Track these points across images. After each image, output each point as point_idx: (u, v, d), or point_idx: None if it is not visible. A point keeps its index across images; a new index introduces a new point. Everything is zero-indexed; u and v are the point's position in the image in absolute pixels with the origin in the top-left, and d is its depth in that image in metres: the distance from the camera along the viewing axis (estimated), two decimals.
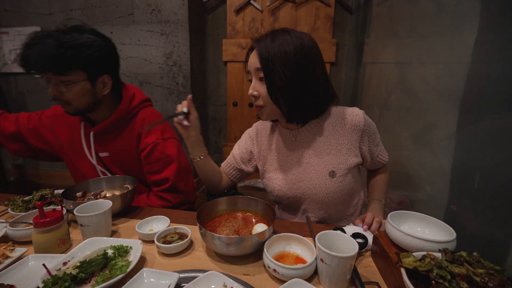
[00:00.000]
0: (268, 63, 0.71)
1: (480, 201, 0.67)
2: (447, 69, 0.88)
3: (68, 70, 0.85)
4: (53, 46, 0.81)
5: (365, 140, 0.81)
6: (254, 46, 0.75)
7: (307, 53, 0.72)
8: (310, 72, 0.73)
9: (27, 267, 0.59)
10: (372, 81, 1.66)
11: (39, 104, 2.45)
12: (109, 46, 0.93)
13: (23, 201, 0.84)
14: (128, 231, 0.77)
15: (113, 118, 0.96)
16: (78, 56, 0.84)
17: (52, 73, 0.85)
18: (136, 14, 2.11)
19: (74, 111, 0.92)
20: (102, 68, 0.91)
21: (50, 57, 0.81)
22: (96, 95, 0.93)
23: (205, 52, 2.40)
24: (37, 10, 2.23)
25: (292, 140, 0.85)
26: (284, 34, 0.72)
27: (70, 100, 0.89)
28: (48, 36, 0.83)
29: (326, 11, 2.11)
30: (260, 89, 0.75)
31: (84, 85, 0.88)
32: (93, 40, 0.88)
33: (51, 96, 0.90)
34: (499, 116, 0.63)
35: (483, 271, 0.42)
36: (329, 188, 0.80)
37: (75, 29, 0.88)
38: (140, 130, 0.98)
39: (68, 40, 0.83)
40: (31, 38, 0.84)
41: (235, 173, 0.97)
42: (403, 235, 0.54)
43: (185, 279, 0.56)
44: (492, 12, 0.68)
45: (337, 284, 0.54)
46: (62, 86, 0.86)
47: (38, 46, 0.82)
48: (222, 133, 2.56)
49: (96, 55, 0.88)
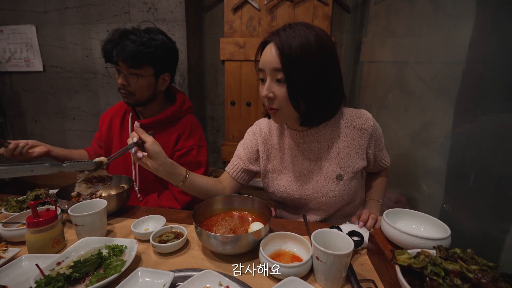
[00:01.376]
0: (291, 63, 0.64)
1: (475, 198, 0.67)
2: (443, 68, 0.89)
3: (142, 65, 0.95)
4: (136, 43, 0.92)
5: (371, 144, 0.80)
6: (270, 40, 0.67)
7: (328, 46, 0.67)
8: (331, 67, 0.68)
9: (20, 267, 0.58)
10: (369, 80, 1.66)
11: (34, 104, 2.42)
12: (175, 49, 1.05)
13: (17, 201, 0.84)
14: (124, 230, 0.77)
15: (165, 116, 1.03)
16: (153, 54, 0.95)
17: (127, 66, 0.93)
18: (132, 12, 2.09)
19: (135, 102, 1.01)
20: (166, 66, 1.02)
21: (132, 51, 0.91)
22: (155, 90, 1.02)
23: (203, 51, 2.39)
24: (32, 8, 2.20)
25: (300, 141, 0.82)
26: (302, 26, 0.66)
27: (135, 90, 0.98)
28: (130, 33, 0.93)
29: (324, 10, 2.11)
30: (277, 91, 0.68)
31: (149, 79, 0.98)
32: (166, 42, 0.99)
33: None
34: (494, 115, 0.63)
35: (477, 268, 0.42)
36: (336, 191, 0.79)
37: (150, 30, 0.99)
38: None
39: (147, 39, 0.94)
40: (113, 34, 0.95)
41: (244, 175, 0.91)
42: (398, 232, 0.54)
43: (181, 278, 0.55)
44: (488, 11, 0.68)
45: (332, 282, 0.54)
46: (132, 77, 0.95)
47: (123, 40, 0.92)
48: (220, 132, 2.56)
49: (165, 55, 0.99)
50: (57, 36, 2.23)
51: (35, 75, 2.34)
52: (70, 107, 2.39)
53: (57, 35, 2.22)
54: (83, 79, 2.30)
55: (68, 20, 2.18)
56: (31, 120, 2.48)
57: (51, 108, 2.42)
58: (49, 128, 2.46)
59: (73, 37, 2.21)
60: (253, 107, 2.34)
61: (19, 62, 2.31)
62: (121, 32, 0.94)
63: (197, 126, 1.10)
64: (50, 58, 2.28)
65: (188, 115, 1.10)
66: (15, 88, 2.42)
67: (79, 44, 2.22)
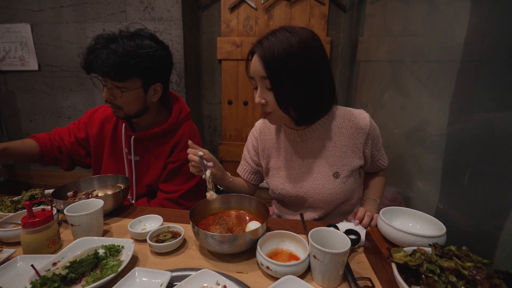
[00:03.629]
0: (274, 71, 0.66)
1: (469, 196, 0.68)
2: (438, 67, 0.89)
3: (127, 78, 0.85)
4: (118, 54, 0.81)
5: (368, 144, 0.81)
6: (255, 51, 0.70)
7: (311, 48, 0.67)
8: (317, 70, 0.69)
9: (15, 268, 0.58)
10: (366, 79, 1.67)
11: (29, 103, 2.40)
12: (168, 56, 0.93)
13: (12, 201, 0.83)
14: (121, 230, 0.76)
15: (161, 129, 0.96)
16: (139, 66, 0.84)
17: (110, 79, 0.84)
18: (128, 11, 2.08)
19: (124, 116, 0.92)
20: (157, 76, 0.92)
21: (113, 64, 0.81)
22: (146, 102, 0.93)
23: (199, 50, 2.38)
24: (26, 7, 2.18)
25: (297, 140, 0.84)
26: (284, 32, 0.67)
27: (122, 105, 0.89)
28: (112, 41, 0.82)
29: (320, 9, 2.11)
30: (268, 97, 0.71)
31: (138, 92, 0.89)
32: (155, 50, 0.87)
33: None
34: (489, 114, 0.64)
35: (471, 265, 0.42)
36: (332, 188, 0.80)
37: (137, 34, 0.87)
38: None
39: (132, 48, 0.83)
40: (95, 41, 0.84)
41: (255, 177, 0.97)
42: (395, 230, 0.55)
43: (178, 277, 0.55)
44: (482, 11, 0.69)
45: (329, 280, 0.54)
46: (117, 91, 0.86)
47: (103, 51, 0.81)
48: (217, 132, 2.55)
49: (155, 65, 0.88)
50: (53, 35, 2.20)
51: (30, 74, 2.31)
52: (66, 106, 2.37)
53: (52, 33, 2.20)
54: (78, 78, 2.28)
55: (64, 19, 2.16)
56: (26, 120, 2.46)
57: (47, 108, 2.39)
58: (44, 128, 2.44)
59: (68, 36, 2.19)
60: (250, 106, 2.34)
61: (13, 61, 2.28)
62: (102, 40, 0.83)
63: (194, 134, 1.03)
64: (46, 57, 2.26)
65: (186, 123, 1.03)
66: (9, 88, 2.39)
67: (74, 43, 2.20)
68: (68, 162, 1.07)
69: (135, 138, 0.99)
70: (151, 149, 1.00)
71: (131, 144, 0.99)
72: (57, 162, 1.07)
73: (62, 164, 1.07)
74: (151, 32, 0.91)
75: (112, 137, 1.03)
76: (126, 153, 1.01)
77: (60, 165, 1.08)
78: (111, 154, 1.04)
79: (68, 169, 1.11)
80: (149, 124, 1.00)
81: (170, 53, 0.95)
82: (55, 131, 1.07)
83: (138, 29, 0.90)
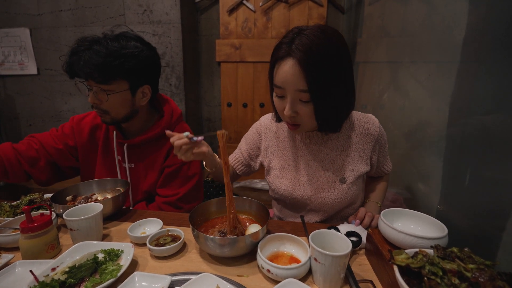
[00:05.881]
0: (318, 85, 0.61)
1: (471, 197, 0.68)
2: (438, 68, 0.89)
3: (112, 79, 0.82)
4: (101, 55, 0.78)
5: (376, 150, 0.81)
6: (288, 56, 0.62)
7: (346, 54, 0.64)
8: (352, 77, 0.67)
9: (14, 274, 0.57)
10: (365, 80, 1.67)
11: (29, 107, 2.40)
12: (155, 57, 0.90)
13: (11, 206, 0.82)
14: (120, 234, 0.76)
15: (153, 134, 0.93)
16: (124, 66, 0.81)
17: (95, 81, 0.82)
18: (127, 14, 2.08)
19: (111, 121, 0.89)
20: (144, 78, 0.89)
21: (96, 65, 0.78)
22: (134, 105, 0.90)
23: (198, 52, 2.39)
24: (25, 11, 2.18)
25: (306, 141, 0.82)
26: (325, 39, 0.61)
27: (109, 109, 0.86)
28: (96, 43, 0.80)
29: (319, 11, 2.12)
30: (301, 110, 0.67)
31: (124, 95, 0.86)
32: (140, 50, 0.85)
33: (89, 103, 0.86)
34: (488, 114, 0.64)
35: (474, 267, 0.42)
36: (338, 193, 0.79)
37: (122, 36, 0.85)
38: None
39: (116, 48, 0.80)
40: (78, 44, 0.81)
41: (243, 168, 0.95)
42: (396, 232, 0.54)
43: (178, 282, 0.55)
44: (480, 11, 0.69)
45: (331, 283, 0.54)
46: (103, 94, 0.83)
47: (86, 53, 0.79)
48: None
49: (141, 65, 0.85)
50: (52, 39, 2.21)
51: (29, 78, 2.31)
52: (65, 110, 2.37)
53: (51, 38, 2.20)
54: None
55: (63, 23, 2.16)
56: (25, 124, 2.45)
57: (46, 112, 2.39)
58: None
59: (67, 40, 2.19)
60: (249, 108, 2.33)
61: (13, 66, 2.28)
62: (85, 42, 0.81)
63: None
64: (45, 61, 2.26)
65: (179, 124, 1.00)
66: (9, 92, 2.39)
67: None
68: (49, 173, 0.99)
69: (129, 145, 0.96)
70: (146, 155, 0.98)
71: (125, 152, 0.96)
72: (28, 177, 0.96)
73: (40, 175, 0.97)
74: (137, 34, 0.89)
75: (104, 145, 1.00)
76: (119, 161, 0.99)
77: (36, 178, 0.97)
78: (104, 162, 1.00)
79: (49, 182, 1.02)
80: (139, 129, 0.97)
81: (158, 54, 0.92)
82: (33, 139, 0.97)
83: (123, 31, 0.88)
